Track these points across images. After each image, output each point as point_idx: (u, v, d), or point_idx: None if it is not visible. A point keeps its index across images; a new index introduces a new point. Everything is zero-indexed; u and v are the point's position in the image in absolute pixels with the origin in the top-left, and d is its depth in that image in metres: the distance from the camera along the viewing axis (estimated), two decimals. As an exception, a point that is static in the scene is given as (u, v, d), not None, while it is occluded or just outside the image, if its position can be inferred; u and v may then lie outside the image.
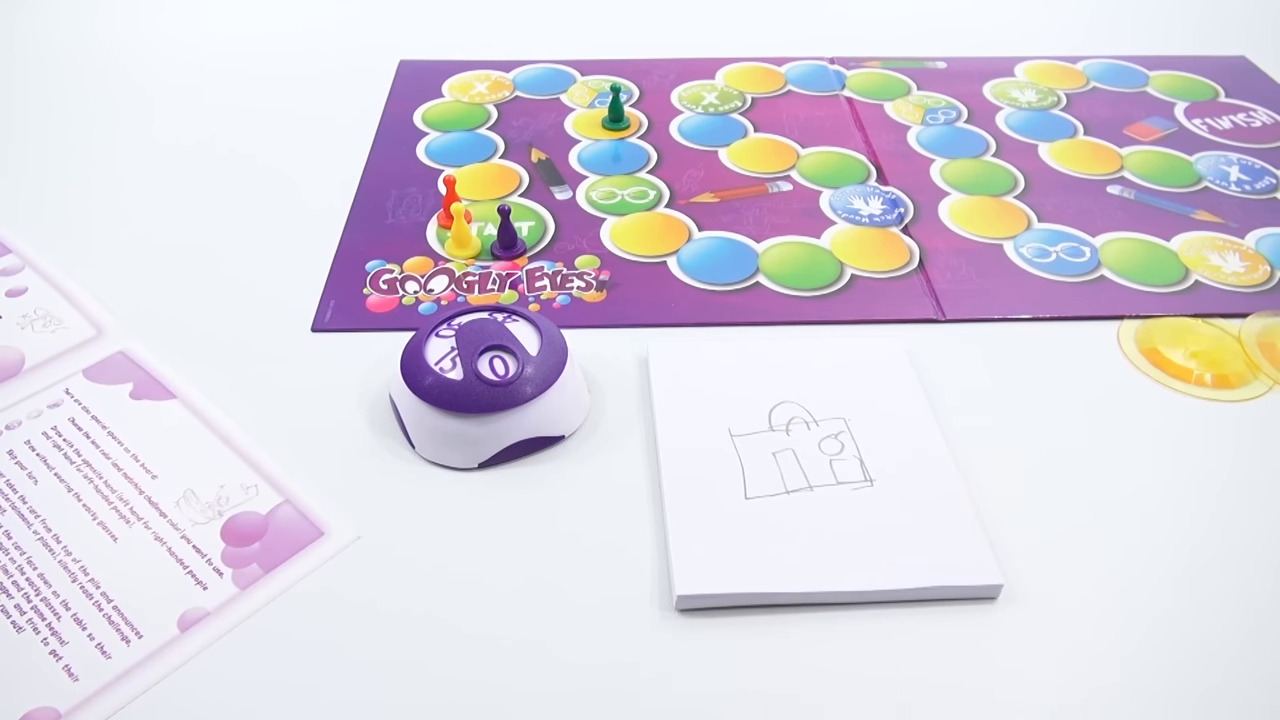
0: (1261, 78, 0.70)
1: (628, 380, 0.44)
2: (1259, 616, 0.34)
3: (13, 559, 0.36)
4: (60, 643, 0.33)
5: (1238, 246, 0.53)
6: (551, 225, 0.54)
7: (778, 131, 0.62)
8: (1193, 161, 0.60)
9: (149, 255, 0.51)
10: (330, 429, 0.41)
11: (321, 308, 0.48)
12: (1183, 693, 0.32)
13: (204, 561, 0.36)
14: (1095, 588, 0.35)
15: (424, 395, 0.39)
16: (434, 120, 0.63)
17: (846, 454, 0.39)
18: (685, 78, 0.68)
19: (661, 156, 0.60)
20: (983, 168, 0.59)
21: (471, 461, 0.39)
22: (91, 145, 0.61)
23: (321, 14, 0.77)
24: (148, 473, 0.39)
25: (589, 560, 0.36)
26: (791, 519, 0.37)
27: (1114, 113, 0.65)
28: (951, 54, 0.72)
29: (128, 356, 0.45)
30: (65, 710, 0.31)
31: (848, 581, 0.34)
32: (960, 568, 0.35)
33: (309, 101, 0.65)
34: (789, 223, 0.54)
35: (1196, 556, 0.36)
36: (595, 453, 0.40)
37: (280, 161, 0.59)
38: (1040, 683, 0.32)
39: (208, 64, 0.70)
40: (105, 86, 0.67)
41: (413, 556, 0.36)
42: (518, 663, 0.33)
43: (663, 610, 0.34)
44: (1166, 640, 0.34)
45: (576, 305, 0.48)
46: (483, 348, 0.40)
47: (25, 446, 0.40)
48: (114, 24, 0.75)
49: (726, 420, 0.41)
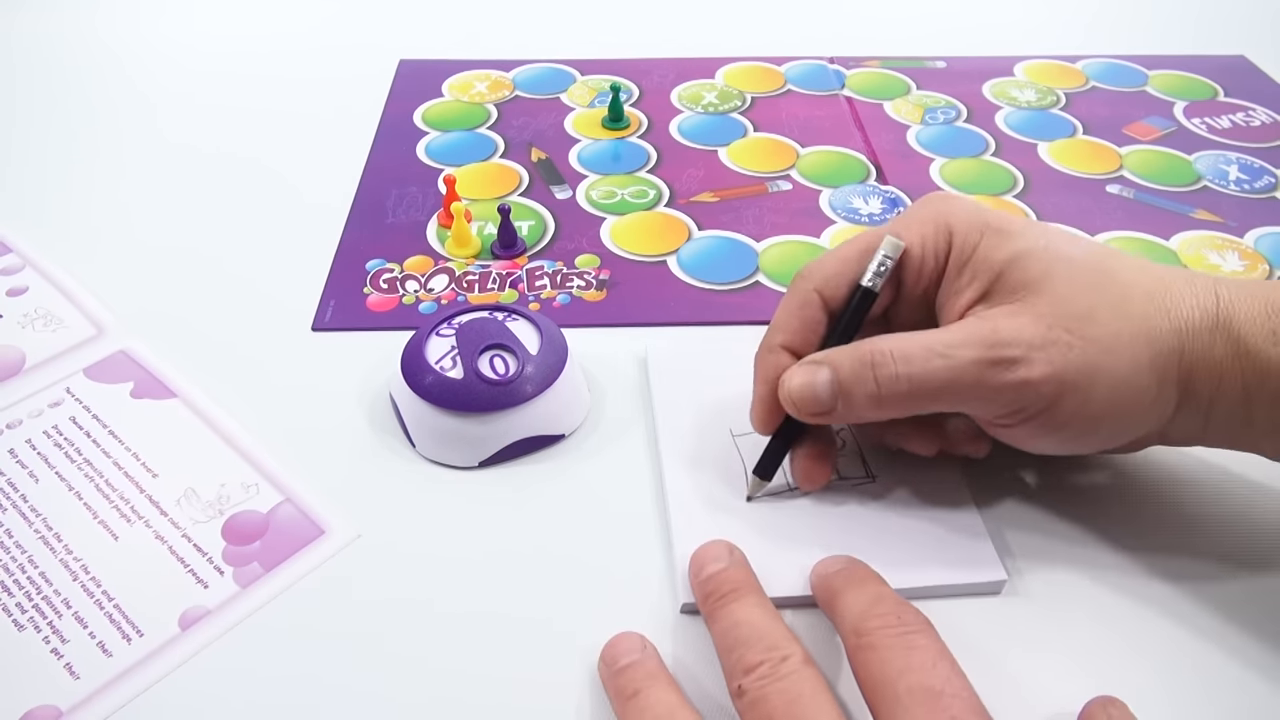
0: (1261, 77, 0.70)
1: (628, 379, 0.44)
2: (1261, 611, 0.34)
3: (13, 557, 0.36)
4: (61, 641, 0.33)
5: (1237, 245, 0.53)
6: (551, 224, 0.54)
7: (777, 131, 0.62)
8: (1192, 161, 0.60)
9: (150, 254, 0.51)
10: (330, 428, 0.41)
11: (322, 307, 0.48)
12: (1183, 691, 0.32)
13: (205, 560, 0.36)
14: (1097, 581, 0.35)
15: (424, 394, 0.39)
16: (434, 120, 0.63)
17: (848, 450, 0.39)
18: (685, 77, 0.69)
19: (661, 156, 0.60)
20: (982, 167, 0.59)
21: (472, 460, 0.39)
22: (92, 144, 0.61)
23: (321, 14, 0.77)
24: (148, 471, 0.39)
25: (590, 559, 0.36)
26: (794, 517, 0.37)
27: (1113, 112, 0.65)
28: (951, 54, 0.72)
29: (128, 355, 0.45)
30: (66, 708, 0.31)
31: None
32: (963, 563, 0.35)
33: (309, 101, 0.65)
34: (789, 222, 0.54)
35: (1197, 551, 0.36)
36: (596, 451, 0.41)
37: (280, 161, 0.59)
38: (1045, 677, 0.32)
39: (206, 63, 0.70)
40: (106, 85, 0.67)
41: (414, 554, 0.36)
42: (518, 661, 0.33)
43: (665, 610, 0.34)
44: (1168, 636, 0.34)
45: (576, 304, 0.48)
46: (483, 346, 0.40)
47: (26, 445, 0.40)
48: (115, 23, 0.75)
49: (727, 420, 0.41)
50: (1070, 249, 0.33)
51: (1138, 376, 0.31)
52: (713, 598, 0.32)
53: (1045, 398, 0.31)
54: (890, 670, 0.28)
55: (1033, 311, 0.32)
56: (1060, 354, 0.31)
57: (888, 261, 0.35)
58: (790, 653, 0.29)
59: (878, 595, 0.31)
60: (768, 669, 0.28)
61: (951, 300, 0.34)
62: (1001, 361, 0.31)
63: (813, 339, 0.36)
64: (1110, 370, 0.31)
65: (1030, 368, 0.31)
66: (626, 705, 0.29)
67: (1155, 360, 0.31)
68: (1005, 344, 0.31)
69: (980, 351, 0.31)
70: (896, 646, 0.29)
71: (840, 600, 0.32)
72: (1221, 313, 0.31)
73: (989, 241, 0.33)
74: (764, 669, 0.28)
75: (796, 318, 0.36)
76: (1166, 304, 0.32)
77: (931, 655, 0.28)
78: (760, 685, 0.28)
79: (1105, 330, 0.31)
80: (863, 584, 0.32)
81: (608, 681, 0.31)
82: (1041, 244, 0.33)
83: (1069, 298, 0.32)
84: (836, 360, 0.34)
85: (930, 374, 0.32)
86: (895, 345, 0.33)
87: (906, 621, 0.29)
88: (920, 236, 0.35)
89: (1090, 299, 0.32)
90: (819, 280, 0.36)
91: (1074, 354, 0.31)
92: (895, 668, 0.28)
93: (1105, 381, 0.31)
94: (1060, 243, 0.33)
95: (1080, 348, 0.31)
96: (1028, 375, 0.31)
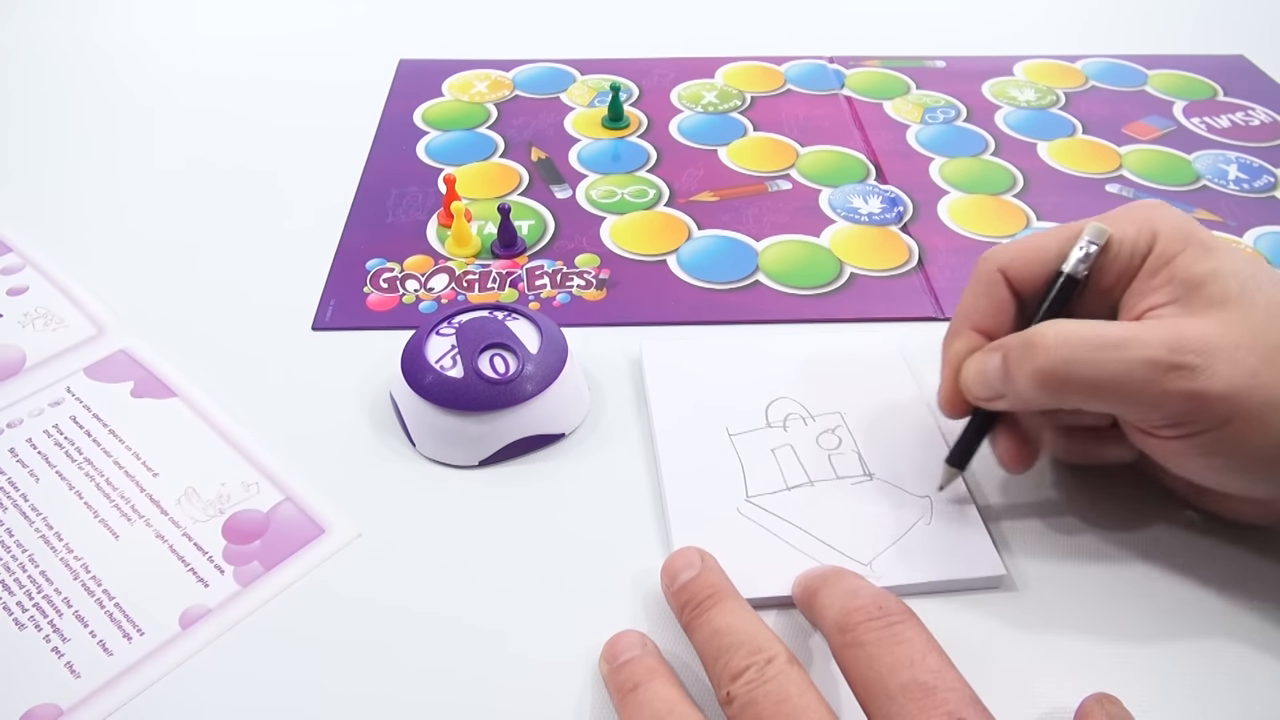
0: (1260, 77, 0.70)
1: (628, 378, 0.44)
2: (1262, 605, 0.35)
3: (14, 556, 0.36)
4: (62, 640, 0.33)
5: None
6: (551, 224, 0.54)
7: (777, 130, 0.63)
8: (1191, 160, 0.60)
9: (150, 254, 0.51)
10: (331, 427, 0.41)
11: (322, 306, 0.48)
12: (1179, 689, 0.32)
13: (205, 559, 0.36)
14: (1094, 576, 0.35)
15: (424, 393, 0.39)
16: (434, 119, 0.63)
17: (845, 448, 0.39)
18: (685, 77, 0.69)
19: (661, 155, 0.60)
20: (982, 166, 0.59)
21: (472, 459, 0.39)
22: (92, 143, 0.61)
23: (320, 15, 0.77)
24: (149, 470, 0.39)
25: (590, 558, 0.36)
26: (793, 515, 0.37)
27: (1113, 111, 0.65)
28: (950, 53, 0.72)
29: (129, 355, 0.45)
30: (67, 707, 0.31)
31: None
32: (961, 559, 0.35)
33: (308, 101, 0.65)
34: (788, 221, 0.54)
35: (1196, 548, 0.36)
36: (596, 450, 0.41)
37: (281, 161, 0.59)
38: (1042, 673, 0.32)
39: (206, 63, 0.70)
40: (104, 85, 0.67)
41: (414, 553, 0.36)
42: (518, 659, 0.33)
43: (665, 608, 0.34)
44: (1166, 634, 0.34)
45: (576, 303, 0.48)
46: (483, 346, 0.40)
47: (26, 444, 0.40)
48: (115, 22, 0.75)
49: (724, 419, 0.41)
50: (1273, 281, 0.31)
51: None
52: (689, 606, 0.32)
53: (1215, 416, 0.30)
54: (880, 667, 0.28)
55: (1223, 326, 0.30)
56: (1244, 376, 0.29)
57: (1092, 248, 0.33)
58: (775, 653, 0.28)
59: (854, 588, 0.31)
60: (754, 673, 0.28)
61: (1137, 300, 0.33)
62: (1178, 367, 0.29)
63: (1003, 319, 0.35)
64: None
65: (1209, 379, 0.29)
66: (626, 700, 0.29)
67: None
68: (1187, 349, 0.29)
69: (1158, 352, 0.30)
70: (883, 641, 0.28)
71: (818, 598, 0.31)
72: None
73: (1192, 253, 0.32)
74: (750, 673, 0.28)
75: (985, 298, 0.35)
76: None
77: (920, 648, 0.28)
78: (748, 690, 0.28)
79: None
80: (839, 579, 0.32)
81: (608, 678, 0.31)
82: (1247, 270, 0.31)
83: (1266, 325, 0.30)
84: (1009, 344, 0.33)
85: (1097, 364, 0.30)
86: (1063, 331, 0.31)
87: (889, 612, 0.29)
88: (1123, 232, 0.33)
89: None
90: (1004, 260, 0.35)
91: (1259, 380, 0.29)
92: (885, 664, 0.28)
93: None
94: (1264, 273, 0.32)
95: (1266, 376, 0.29)
96: (1204, 386, 0.29)
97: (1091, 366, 0.31)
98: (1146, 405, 0.31)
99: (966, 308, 0.36)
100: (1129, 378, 0.30)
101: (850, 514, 0.37)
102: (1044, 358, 0.31)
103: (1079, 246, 0.34)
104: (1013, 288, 0.35)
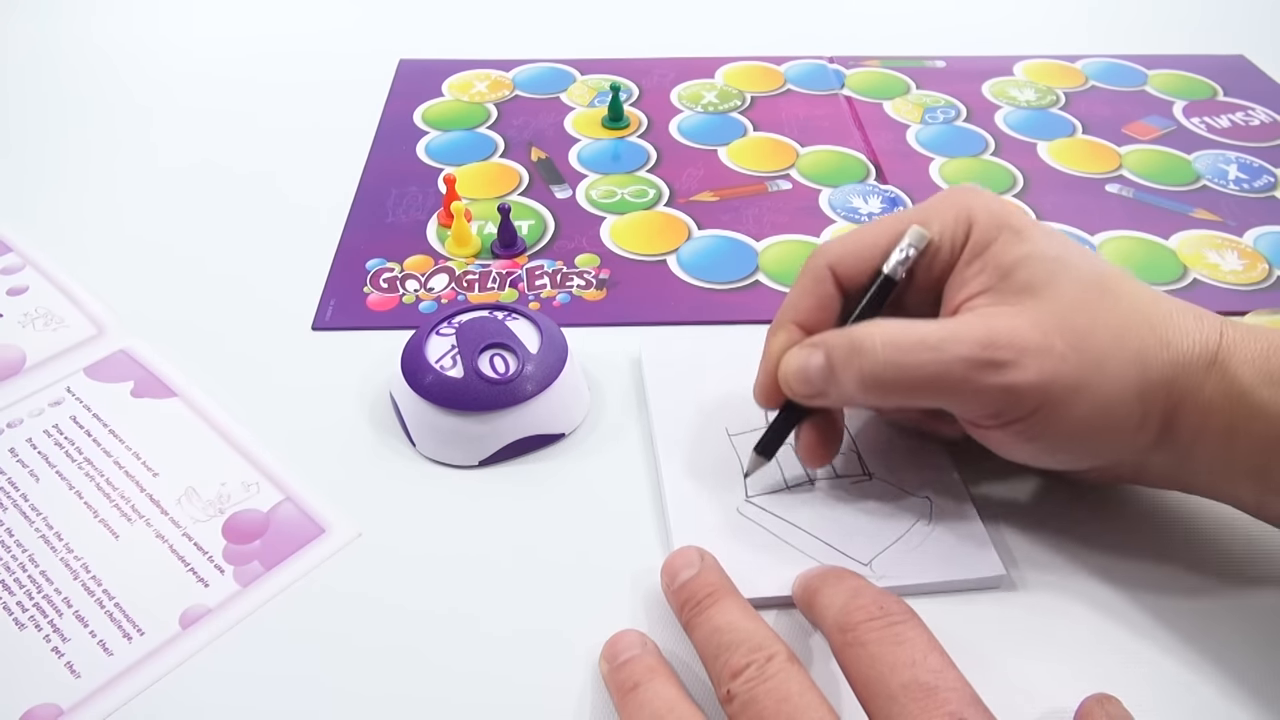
0: (1260, 77, 0.70)
1: (628, 378, 0.44)
2: (1262, 603, 0.35)
3: (14, 556, 0.36)
4: (62, 640, 0.33)
5: (1236, 245, 0.53)
6: (551, 224, 0.54)
7: (777, 130, 0.63)
8: (1191, 160, 0.60)
9: (150, 254, 0.51)
10: (331, 426, 0.41)
11: (322, 306, 0.48)
12: (1178, 689, 0.32)
13: (205, 559, 0.36)
14: (1094, 577, 0.35)
15: (424, 393, 0.39)
16: (434, 119, 0.63)
17: (844, 448, 0.39)
18: (685, 77, 0.69)
19: (661, 155, 0.60)
20: (982, 166, 0.59)
21: (472, 459, 0.40)
22: (92, 143, 0.61)
23: (320, 15, 0.77)
24: (149, 470, 0.39)
25: (590, 557, 0.36)
26: (791, 515, 0.37)
27: (1112, 111, 0.65)
28: (950, 53, 0.72)
29: (129, 355, 0.45)
30: (67, 707, 0.31)
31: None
32: (961, 559, 0.35)
33: (308, 101, 0.65)
34: (789, 221, 0.54)
35: (1196, 549, 0.36)
36: (595, 450, 0.41)
37: (281, 161, 0.59)
38: (1042, 673, 0.32)
39: (206, 64, 0.70)
40: (104, 84, 0.67)
41: (414, 553, 0.36)
42: (518, 658, 0.33)
43: (665, 608, 0.34)
44: (1165, 634, 0.34)
45: (576, 303, 0.48)
46: (483, 346, 0.40)
47: (26, 444, 0.40)
48: (115, 23, 0.75)
49: (724, 419, 0.41)
50: (1082, 263, 0.32)
51: (1123, 400, 0.31)
52: (689, 605, 0.32)
53: (1027, 405, 0.31)
54: (881, 667, 0.28)
55: (1032, 317, 0.31)
56: (1051, 364, 0.31)
57: (911, 251, 0.34)
58: (775, 651, 0.29)
59: (855, 588, 0.31)
60: (754, 670, 0.28)
61: (957, 291, 0.34)
62: (992, 364, 0.31)
63: (826, 316, 0.36)
64: (1097, 388, 0.31)
65: (1018, 372, 0.31)
66: (626, 699, 0.29)
67: (1144, 388, 0.31)
68: (998, 345, 0.31)
69: (972, 350, 0.31)
70: (884, 641, 0.28)
71: (818, 598, 0.31)
72: (1222, 351, 0.31)
73: (1004, 239, 0.33)
74: (750, 671, 0.28)
75: (810, 294, 0.36)
76: (1168, 335, 0.31)
77: (921, 648, 0.28)
78: (749, 688, 0.28)
79: (1100, 348, 0.31)
80: (839, 579, 0.32)
81: (608, 677, 0.31)
82: (1054, 253, 0.32)
83: (1071, 310, 0.31)
84: (831, 343, 0.33)
85: (918, 367, 0.31)
86: (888, 333, 0.32)
87: (890, 612, 0.29)
88: (941, 225, 0.34)
89: (1091, 315, 0.31)
90: (834, 256, 0.35)
91: (1065, 366, 0.31)
92: (886, 664, 0.28)
93: (1090, 399, 0.31)
94: (1074, 255, 0.33)
95: (1072, 361, 0.31)
96: (1015, 380, 0.31)
97: (914, 369, 0.32)
98: (965, 400, 0.32)
99: (792, 302, 0.36)
100: (948, 376, 0.31)
101: (850, 514, 0.37)
102: (870, 361, 0.32)
103: (899, 249, 0.34)
104: (840, 284, 0.36)
